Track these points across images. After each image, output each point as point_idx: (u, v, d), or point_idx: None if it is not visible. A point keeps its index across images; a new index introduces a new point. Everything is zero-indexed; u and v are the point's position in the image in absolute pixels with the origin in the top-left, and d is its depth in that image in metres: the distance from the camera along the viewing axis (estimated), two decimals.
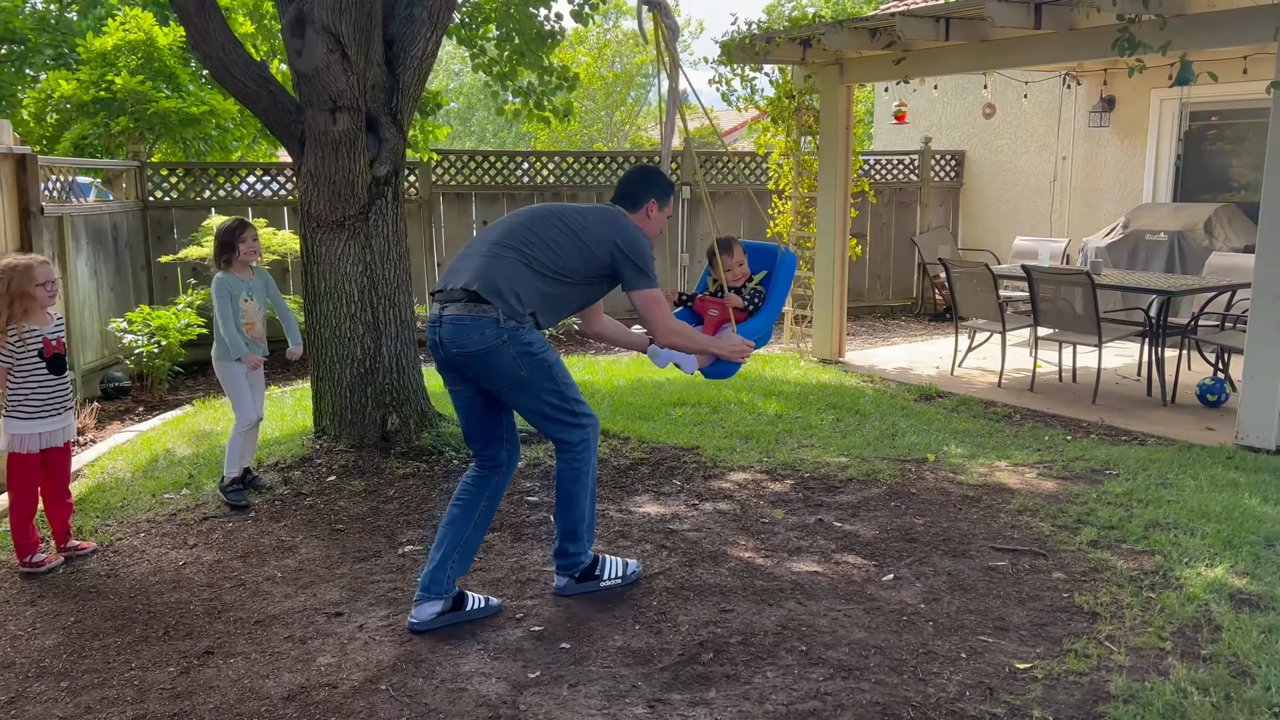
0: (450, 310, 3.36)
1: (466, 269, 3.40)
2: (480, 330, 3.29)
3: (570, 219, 3.53)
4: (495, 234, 3.51)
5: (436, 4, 5.31)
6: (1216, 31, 5.84)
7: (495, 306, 3.30)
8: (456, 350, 3.35)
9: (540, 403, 3.44)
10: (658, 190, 3.75)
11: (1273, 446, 5.58)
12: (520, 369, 3.34)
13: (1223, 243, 8.61)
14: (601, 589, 3.73)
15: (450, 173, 10.10)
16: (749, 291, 4.18)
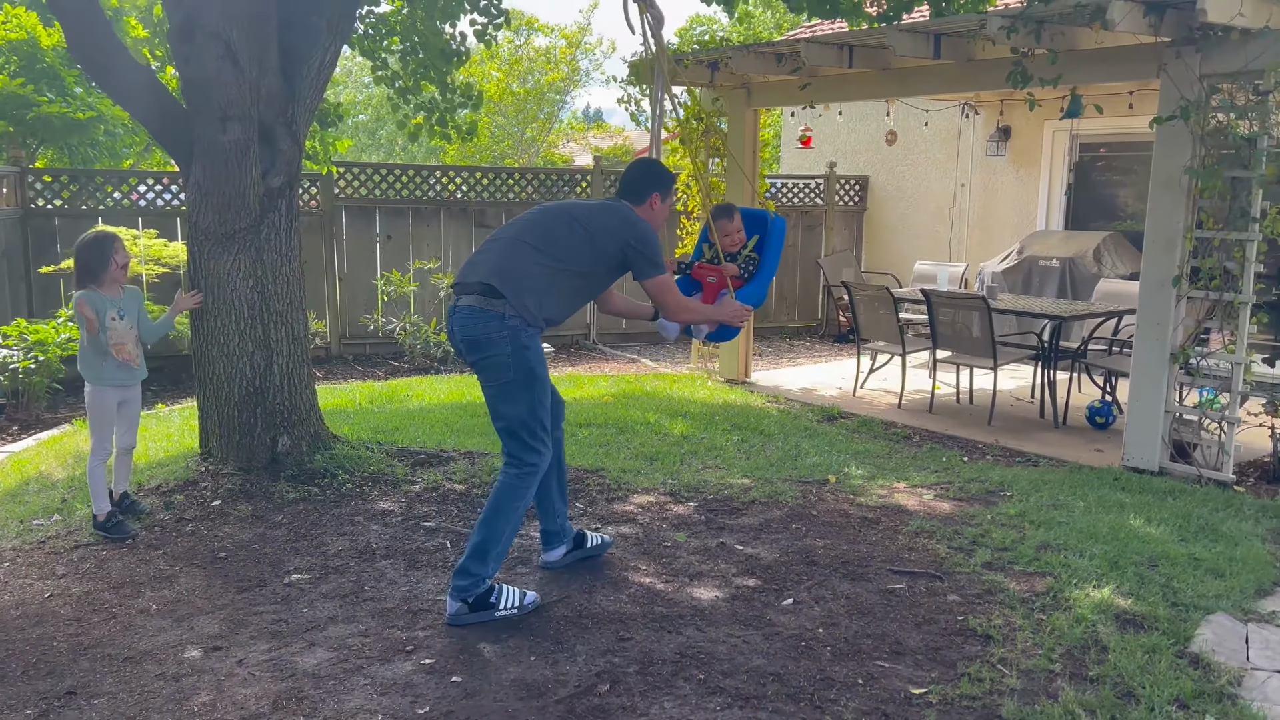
0: (464, 301, 3.58)
1: (484, 263, 3.61)
2: (486, 322, 3.51)
3: (581, 216, 3.74)
4: (512, 231, 3.70)
5: (336, 14, 5.17)
6: (1104, 67, 6.07)
7: (507, 301, 3.51)
8: (462, 338, 3.59)
9: (513, 412, 3.59)
10: (660, 183, 3.93)
11: (1156, 468, 5.78)
12: (510, 371, 3.53)
13: (1110, 269, 8.95)
14: (496, 618, 3.62)
15: (353, 185, 9.87)
16: (743, 258, 4.40)
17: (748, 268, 4.39)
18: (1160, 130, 5.59)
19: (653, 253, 3.74)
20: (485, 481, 5.17)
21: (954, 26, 6.22)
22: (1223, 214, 5.51)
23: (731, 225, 4.40)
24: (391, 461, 5.38)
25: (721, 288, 4.32)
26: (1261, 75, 5.17)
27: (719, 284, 4.34)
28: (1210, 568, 4.22)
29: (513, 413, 3.59)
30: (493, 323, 3.51)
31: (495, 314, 3.51)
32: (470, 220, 10.33)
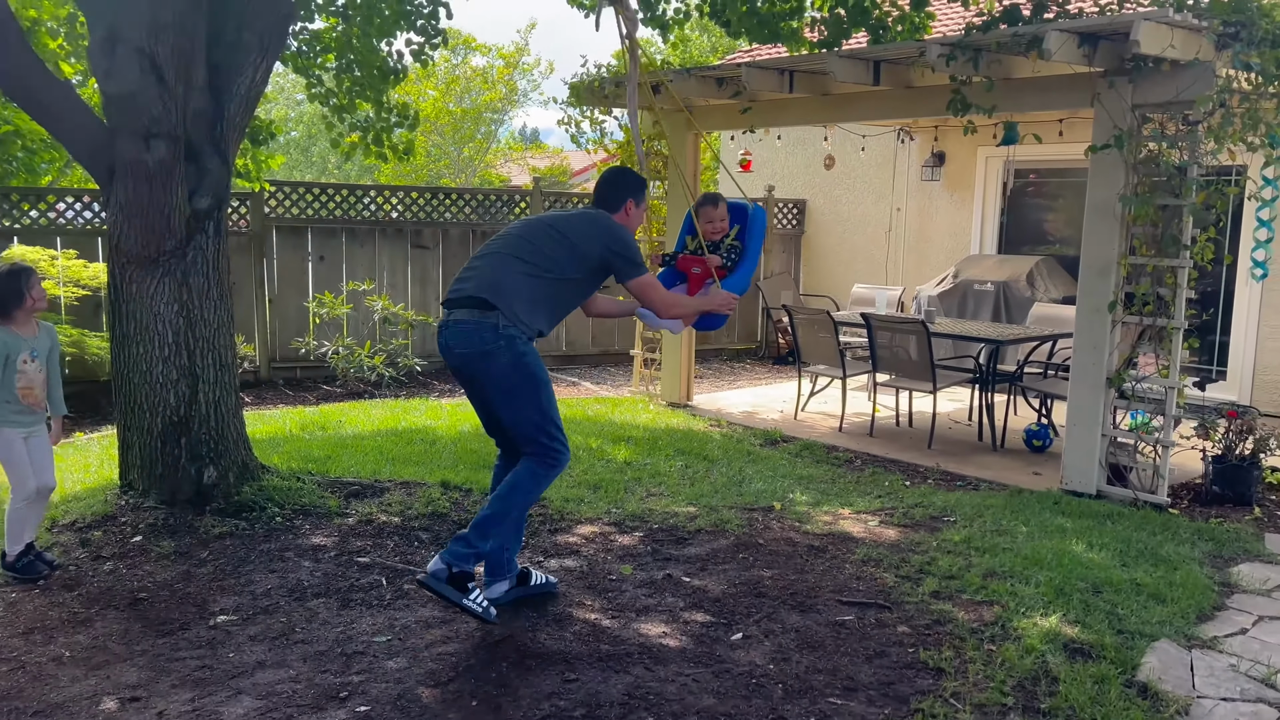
0: (456, 315, 3.66)
1: (473, 279, 3.70)
2: (480, 334, 3.59)
3: (561, 226, 3.84)
4: (497, 245, 3.81)
5: (267, 30, 4.99)
6: (1040, 96, 6.17)
7: (499, 312, 3.60)
8: (459, 352, 3.64)
9: (525, 415, 3.66)
10: (633, 190, 4.06)
11: (1094, 491, 5.84)
12: (512, 377, 3.61)
13: (1043, 294, 9.10)
14: (461, 606, 3.61)
15: (285, 205, 9.61)
16: (726, 248, 4.46)
17: (730, 257, 4.45)
18: (1095, 159, 5.69)
19: (633, 255, 3.87)
20: (422, 513, 5.00)
21: (894, 54, 6.27)
22: (1155, 241, 5.61)
23: (716, 213, 4.47)
24: (324, 493, 5.18)
25: (706, 278, 4.40)
26: (1191, 106, 5.28)
27: (704, 274, 4.43)
28: (1152, 593, 4.25)
29: (524, 417, 3.67)
30: (488, 334, 3.59)
31: (490, 324, 3.60)
32: (406, 240, 10.14)
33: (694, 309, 4.18)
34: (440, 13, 7.45)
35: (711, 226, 4.48)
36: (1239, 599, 4.34)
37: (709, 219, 4.47)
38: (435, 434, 6.87)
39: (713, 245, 4.48)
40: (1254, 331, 8.37)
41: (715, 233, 4.49)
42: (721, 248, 4.49)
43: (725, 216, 4.51)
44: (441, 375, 10.14)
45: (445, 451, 6.32)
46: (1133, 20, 4.91)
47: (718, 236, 4.50)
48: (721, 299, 4.19)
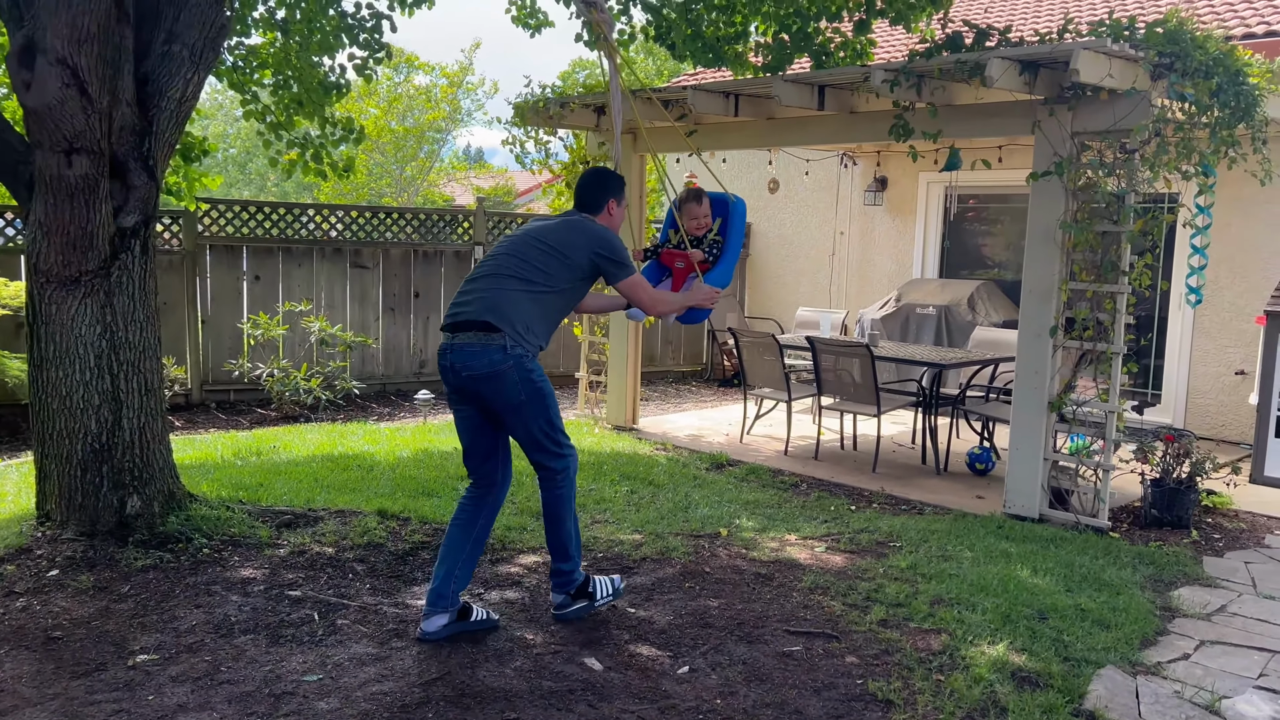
0: (460, 338, 3.76)
1: (473, 301, 3.80)
2: (489, 355, 3.70)
3: (548, 238, 3.90)
4: (490, 267, 3.89)
5: (199, 42, 4.82)
6: (982, 122, 6.23)
7: (504, 334, 3.71)
8: (467, 374, 3.73)
9: (533, 428, 3.80)
10: (614, 190, 4.13)
11: (1036, 515, 5.87)
12: (520, 393, 3.74)
13: (984, 318, 9.21)
14: (599, 608, 4.04)
15: (220, 223, 9.36)
16: (708, 243, 4.56)
17: (712, 251, 4.54)
18: (1035, 185, 5.75)
19: (621, 257, 3.96)
20: (358, 544, 4.83)
21: (838, 78, 6.29)
22: (1094, 266, 5.68)
23: (700, 209, 4.57)
24: (255, 523, 4.98)
25: (690, 272, 4.51)
26: (1128, 134, 5.37)
27: (687, 269, 4.53)
28: (1097, 619, 4.25)
29: (533, 427, 3.80)
30: (496, 354, 3.70)
31: (497, 346, 3.70)
32: (345, 260, 9.92)
33: (680, 305, 4.26)
34: (384, 26, 7.32)
35: (695, 223, 4.58)
36: (1180, 623, 4.36)
37: (692, 215, 4.57)
38: (372, 460, 6.68)
39: (695, 240, 4.57)
40: (1187, 356, 8.55)
41: (698, 229, 4.59)
42: (704, 243, 4.57)
43: (709, 212, 4.61)
44: (380, 398, 9.92)
45: (383, 478, 6.14)
46: (1072, 49, 4.98)
47: (700, 232, 4.59)
48: (705, 294, 4.29)
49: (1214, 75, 5.29)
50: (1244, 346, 8.22)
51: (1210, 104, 5.35)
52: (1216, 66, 5.30)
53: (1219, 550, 5.48)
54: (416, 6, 8.04)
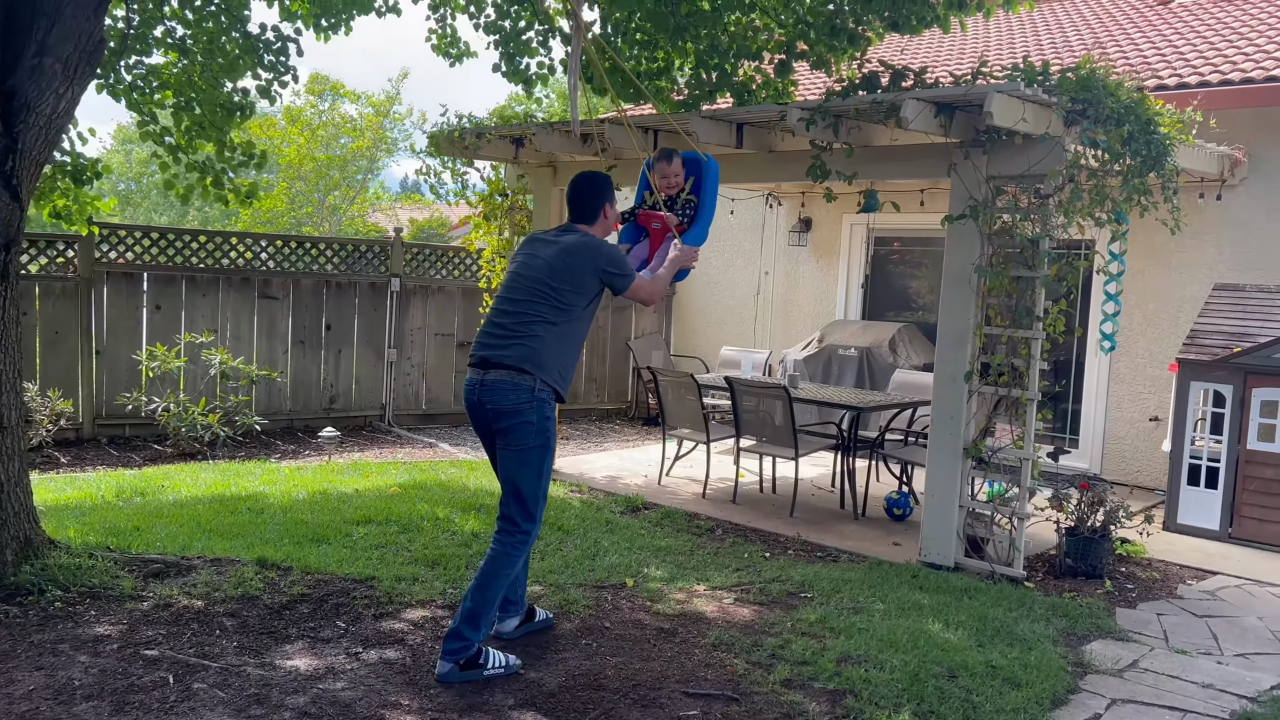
0: (492, 375, 3.89)
1: (504, 346, 3.91)
2: (517, 394, 3.86)
3: (558, 270, 3.95)
4: (510, 306, 3.97)
5: (73, 56, 4.51)
6: (899, 164, 6.17)
7: (534, 377, 3.86)
8: (490, 407, 3.88)
9: (522, 476, 3.89)
10: (607, 195, 4.20)
11: (952, 564, 5.74)
12: (533, 438, 3.86)
13: (905, 360, 9.16)
14: (484, 678, 3.81)
15: (119, 249, 8.91)
16: (682, 203, 4.60)
17: (686, 211, 4.58)
18: (951, 229, 5.68)
19: (624, 268, 4.07)
20: (230, 596, 4.47)
21: (756, 116, 6.19)
22: (1010, 312, 5.62)
23: (670, 168, 4.58)
24: (119, 572, 4.59)
25: (667, 232, 4.53)
26: (1043, 179, 5.33)
27: (664, 229, 4.55)
28: (1008, 677, 4.09)
29: (525, 477, 3.88)
30: (523, 394, 3.85)
31: (526, 387, 3.86)
32: (254, 290, 9.52)
33: (669, 278, 4.38)
34: (290, 49, 7.06)
35: (666, 182, 4.60)
36: (1092, 680, 4.23)
37: (663, 174, 4.59)
38: (265, 501, 6.31)
39: (669, 200, 4.59)
40: (1104, 402, 8.59)
41: (670, 188, 4.61)
42: (678, 203, 4.60)
43: (680, 171, 4.64)
44: (286, 435, 9.50)
45: (272, 522, 5.78)
46: (986, 92, 4.93)
47: (673, 191, 4.61)
48: (686, 255, 4.40)
49: (1125, 123, 5.29)
50: (1158, 393, 8.28)
51: (1122, 152, 5.35)
52: (1128, 114, 5.30)
53: (1132, 601, 5.40)
54: (333, 31, 7.79)
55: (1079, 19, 11.21)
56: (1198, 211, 7.85)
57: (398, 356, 10.35)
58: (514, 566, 3.89)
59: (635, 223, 4.72)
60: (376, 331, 10.25)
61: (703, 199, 4.63)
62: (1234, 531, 6.74)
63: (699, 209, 4.61)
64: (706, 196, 4.63)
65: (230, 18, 7.06)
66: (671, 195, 4.61)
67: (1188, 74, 8.00)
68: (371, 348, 10.23)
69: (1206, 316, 7.23)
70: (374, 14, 7.74)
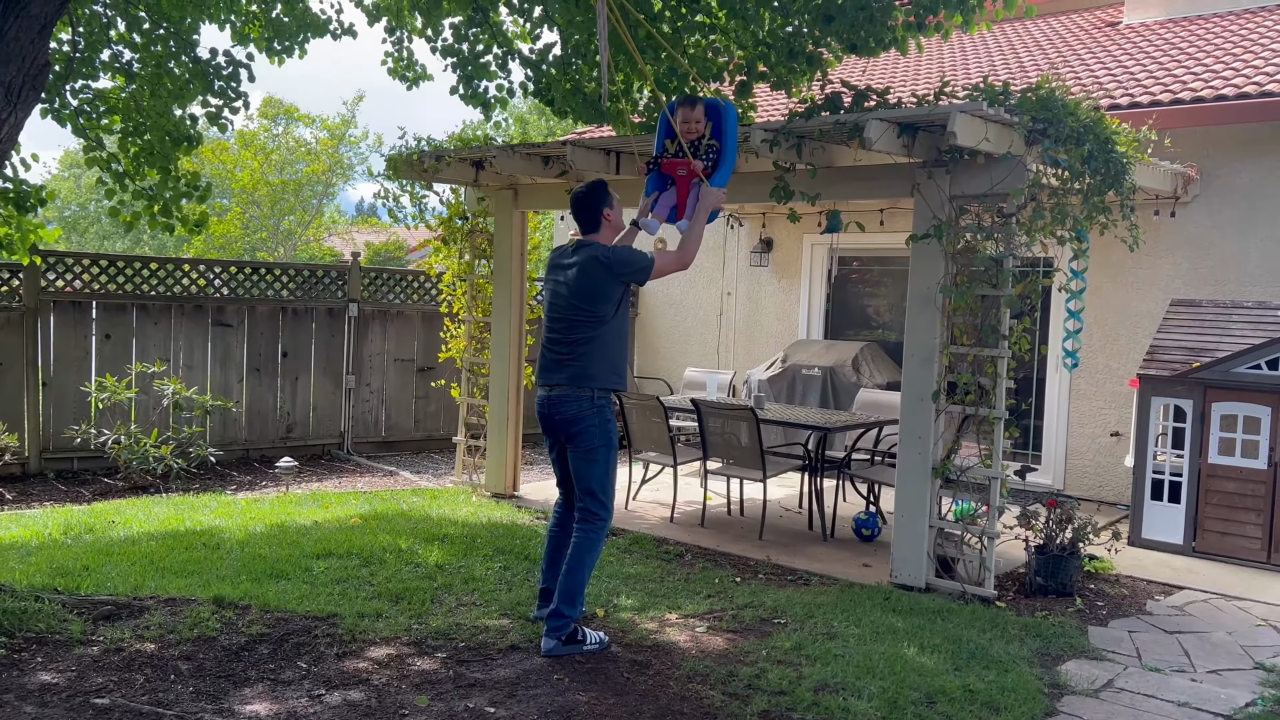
0: (556, 391, 4.50)
1: (559, 368, 4.50)
2: (579, 404, 4.45)
3: (577, 288, 4.44)
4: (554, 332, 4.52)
5: (16, 79, 4.35)
6: (862, 185, 6.17)
7: (591, 389, 4.44)
8: (559, 416, 4.49)
9: (596, 473, 4.49)
10: (601, 200, 4.57)
11: (923, 585, 5.70)
12: (595, 440, 4.45)
13: (869, 379, 9.17)
14: (584, 651, 4.38)
15: (66, 277, 8.67)
16: (705, 148, 4.75)
17: (710, 156, 4.74)
18: (915, 248, 5.68)
19: (640, 263, 4.45)
20: (186, 638, 4.29)
21: None
22: (975, 330, 5.62)
23: (693, 114, 4.76)
24: (67, 615, 4.39)
25: (693, 178, 4.70)
26: (1006, 198, 5.35)
27: (690, 175, 4.72)
28: (986, 701, 4.05)
29: (596, 473, 4.48)
30: (585, 404, 4.43)
31: (585, 398, 4.43)
32: (207, 317, 9.31)
33: (699, 233, 4.67)
34: (241, 74, 6.92)
35: (688, 127, 4.75)
36: (1069, 702, 4.20)
37: (685, 119, 4.76)
38: (221, 536, 6.12)
39: (693, 146, 4.74)
40: (1065, 418, 8.65)
41: (691, 133, 4.76)
42: (700, 148, 4.74)
43: (702, 117, 4.77)
44: (242, 465, 9.27)
45: (229, 558, 5.59)
46: (950, 112, 4.94)
47: (694, 137, 4.76)
48: (714, 199, 4.67)
49: (1085, 142, 5.33)
50: (1118, 409, 8.35)
51: (1082, 170, 5.38)
52: (1087, 134, 5.35)
53: (1103, 619, 5.40)
54: (287, 54, 7.66)
55: (1031, 41, 11.38)
56: (1153, 228, 7.96)
57: (356, 383, 10.17)
58: (597, 550, 4.53)
59: (660, 171, 4.88)
60: (334, 358, 10.07)
61: (724, 143, 4.78)
62: (1198, 545, 6.79)
63: (722, 153, 4.77)
64: (728, 140, 4.79)
65: (179, 42, 6.92)
66: (694, 141, 4.77)
67: (1139, 94, 8.13)
68: (329, 375, 10.04)
69: (1165, 332, 7.31)
70: (329, 36, 7.63)
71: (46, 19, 4.43)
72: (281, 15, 7.29)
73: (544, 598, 4.69)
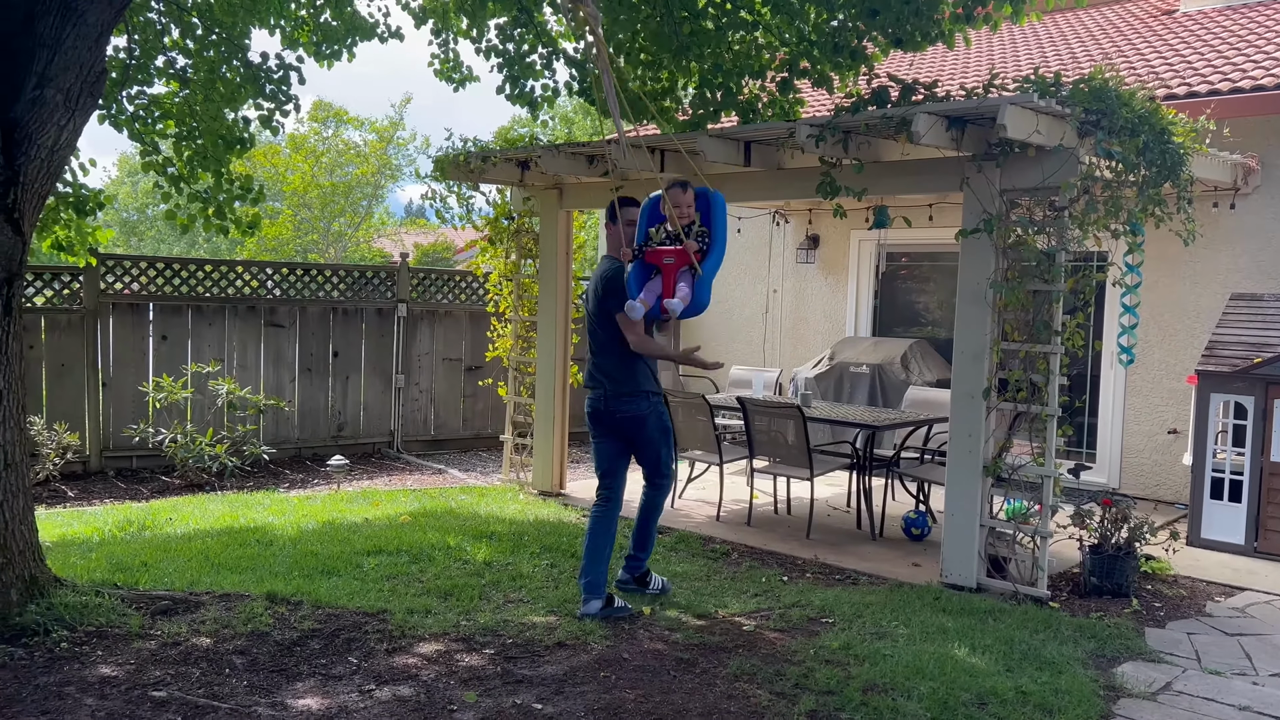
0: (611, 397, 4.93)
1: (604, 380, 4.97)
2: (637, 405, 4.94)
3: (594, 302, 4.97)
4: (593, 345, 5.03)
5: (75, 87, 4.46)
6: (910, 179, 6.10)
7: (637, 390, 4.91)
8: (619, 416, 4.95)
9: (654, 455, 5.11)
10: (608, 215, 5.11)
11: (974, 584, 5.62)
12: (655, 431, 5.02)
13: (918, 376, 9.06)
14: (647, 592, 5.21)
15: (124, 280, 8.87)
16: (696, 233, 4.62)
17: (703, 241, 4.63)
18: (965, 243, 5.60)
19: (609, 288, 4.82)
20: (240, 633, 4.37)
21: (764, 134, 6.12)
22: (1026, 326, 5.52)
23: (684, 197, 4.65)
24: (126, 610, 4.49)
25: (681, 265, 4.57)
26: (1057, 191, 5.25)
27: (678, 263, 4.58)
28: (1039, 703, 3.97)
29: (652, 456, 5.11)
30: (643, 404, 4.94)
31: (641, 396, 4.93)
32: (260, 318, 9.47)
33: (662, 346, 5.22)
34: (291, 77, 7.03)
35: (680, 210, 4.64)
36: (1125, 704, 4.11)
37: (677, 202, 4.65)
38: (273, 533, 6.22)
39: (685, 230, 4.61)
40: (1120, 416, 8.47)
41: (684, 217, 4.64)
42: (692, 233, 4.62)
43: (693, 202, 4.67)
44: (294, 463, 9.42)
45: (281, 554, 5.68)
46: (999, 104, 4.85)
47: (686, 222, 4.63)
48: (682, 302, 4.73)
49: (1140, 133, 5.21)
50: (1175, 405, 8.16)
51: (1137, 162, 5.27)
52: (1142, 124, 5.23)
53: (1161, 621, 5.28)
54: (335, 58, 7.77)
55: (1084, 31, 11.16)
56: (1211, 221, 7.76)
57: (405, 382, 10.28)
58: (661, 506, 5.25)
59: (644, 260, 4.71)
60: (384, 358, 10.19)
61: (714, 231, 4.66)
62: (1260, 545, 6.61)
63: (713, 239, 4.64)
64: (717, 229, 4.67)
65: (231, 47, 7.05)
66: (685, 226, 4.62)
67: (1197, 83, 7.93)
68: (379, 374, 10.16)
69: (1225, 327, 7.13)
70: (376, 39, 7.72)
71: (103, 27, 4.53)
72: (330, 19, 7.39)
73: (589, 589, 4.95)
